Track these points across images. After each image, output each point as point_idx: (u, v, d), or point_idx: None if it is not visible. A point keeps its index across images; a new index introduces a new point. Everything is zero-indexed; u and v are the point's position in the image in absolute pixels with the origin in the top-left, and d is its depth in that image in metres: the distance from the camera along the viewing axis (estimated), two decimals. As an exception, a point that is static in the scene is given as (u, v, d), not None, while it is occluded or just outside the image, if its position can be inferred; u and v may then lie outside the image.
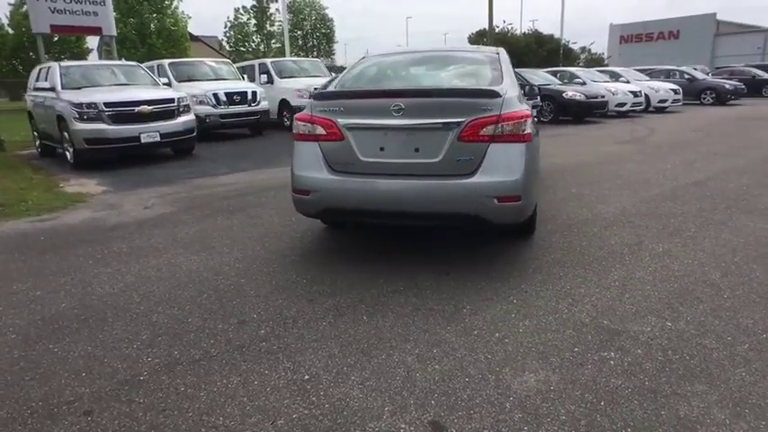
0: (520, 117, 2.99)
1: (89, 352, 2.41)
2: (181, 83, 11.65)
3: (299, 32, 46.22)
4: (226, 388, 2.10)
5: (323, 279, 3.17)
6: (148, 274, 3.35)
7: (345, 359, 2.29)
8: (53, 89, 8.29)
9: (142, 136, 7.97)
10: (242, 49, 39.43)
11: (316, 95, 3.32)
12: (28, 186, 6.31)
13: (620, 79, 15.26)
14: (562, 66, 21.13)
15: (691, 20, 43.96)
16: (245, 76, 13.67)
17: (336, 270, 3.29)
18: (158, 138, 8.15)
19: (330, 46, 49.92)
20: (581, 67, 20.01)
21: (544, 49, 27.44)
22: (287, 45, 20.96)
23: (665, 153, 7.69)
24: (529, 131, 3.03)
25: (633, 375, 2.09)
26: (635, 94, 13.74)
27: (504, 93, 3.01)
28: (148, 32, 27.23)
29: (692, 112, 14.82)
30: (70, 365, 2.30)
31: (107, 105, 7.78)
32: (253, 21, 40.19)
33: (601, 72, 16.09)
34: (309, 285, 3.09)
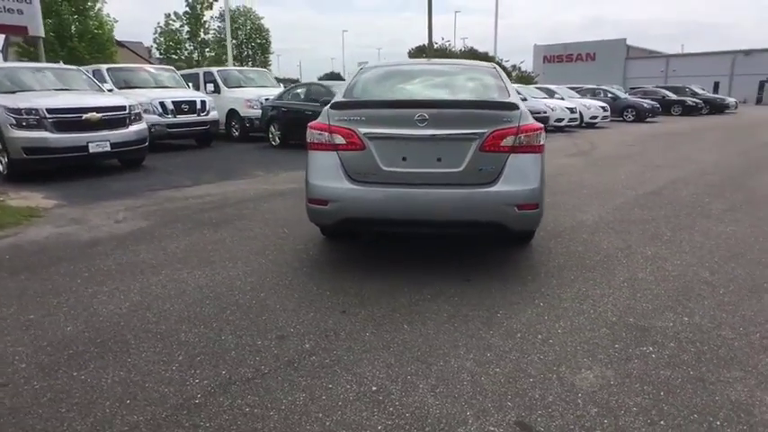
0: (536, 129, 3.16)
1: (124, 377, 2.22)
2: (121, 90, 11.00)
3: (234, 41, 45.01)
4: (294, 405, 2.03)
5: (345, 290, 3.13)
6: (154, 292, 3.14)
7: (405, 368, 2.28)
8: (-21, 93, 7.52)
9: (90, 145, 7.42)
10: (173, 57, 37.70)
11: (334, 105, 3.30)
12: (-35, 201, 5.67)
13: (555, 96, 16.35)
14: None
15: (605, 44, 48.09)
16: (189, 85, 13.12)
17: (355, 280, 3.26)
18: (108, 147, 7.62)
19: (266, 56, 49.07)
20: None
21: (479, 67, 28.79)
22: (230, 54, 20.36)
23: (614, 165, 8.34)
24: (543, 143, 3.20)
25: (677, 366, 2.27)
26: (571, 111, 14.78)
27: (520, 106, 3.18)
28: (69, 35, 25.34)
29: (620, 128, 16.17)
30: (108, 393, 2.11)
31: (50, 112, 7.16)
32: (186, 28, 38.58)
33: (538, 89, 17.14)
34: (334, 297, 3.04)
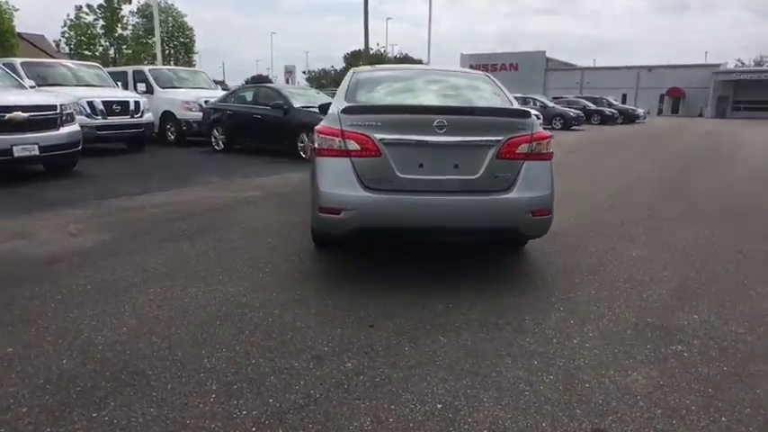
0: (546, 137, 3.23)
1: (156, 414, 1.95)
2: (40, 87, 9.94)
3: (153, 39, 42.41)
4: (362, 429, 1.88)
5: (363, 303, 2.99)
6: (151, 313, 2.81)
7: (460, 382, 2.21)
8: None
9: (15, 149, 6.64)
10: (86, 53, 34.73)
11: (347, 109, 3.15)
12: None
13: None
14: None
15: (527, 55, 50.96)
16: (118, 84, 12.16)
17: (368, 293, 3.13)
18: (37, 151, 6.86)
19: (190, 56, 46.73)
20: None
21: (412, 74, 29.39)
22: (159, 52, 19.16)
23: (564, 172, 8.78)
24: (552, 151, 3.27)
25: (709, 363, 2.39)
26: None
27: (532, 114, 3.23)
28: (-41, 25, 22.59)
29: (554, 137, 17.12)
30: (144, 434, 1.84)
31: (-35, 111, 6.33)
32: (101, 22, 35.67)
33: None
34: (353, 311, 2.89)
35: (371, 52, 25.60)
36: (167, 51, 41.75)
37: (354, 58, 29.15)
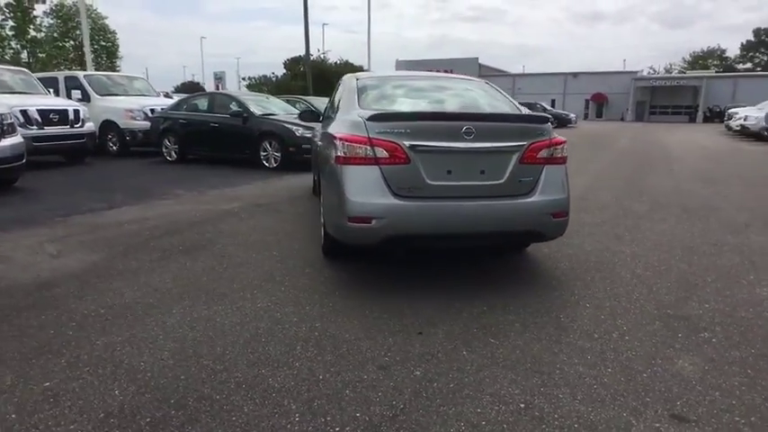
0: (562, 142, 3.39)
1: (245, 439, 1.85)
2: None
3: (71, 42, 39.61)
4: (462, 436, 1.90)
5: (400, 311, 2.99)
6: (187, 335, 2.66)
7: (530, 381, 2.28)
8: None
9: (-50, 164, 6.01)
10: (-6, 57, 31.80)
11: (374, 117, 3.14)
12: None
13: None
14: None
15: (460, 61, 52.61)
16: (50, 91, 11.30)
17: (399, 300, 3.14)
18: (-25, 165, 6.25)
19: (113, 61, 44.03)
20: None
21: (355, 81, 29.50)
22: (88, 57, 17.89)
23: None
24: (567, 155, 3.45)
25: (739, 347, 2.62)
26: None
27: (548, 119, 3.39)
28: None
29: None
30: (242, 462, 1.74)
31: None
32: (10, 23, 32.80)
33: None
34: (395, 318, 2.89)
35: (312, 58, 25.41)
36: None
37: (295, 64, 28.78)
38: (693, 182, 8.32)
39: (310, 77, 24.64)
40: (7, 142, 6.80)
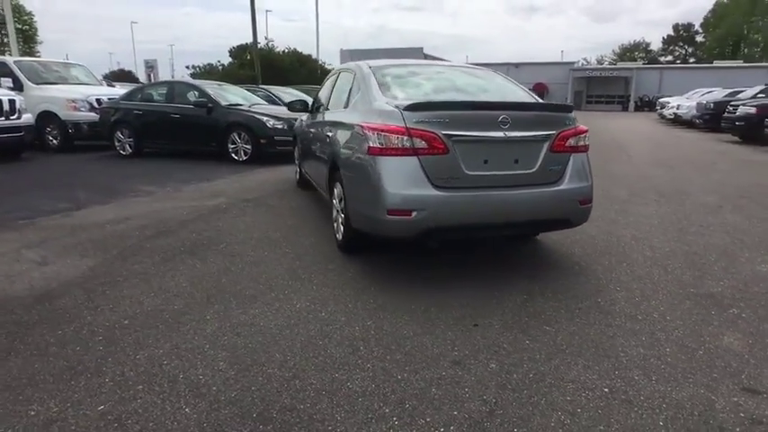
0: (585, 130, 3.46)
1: (352, 449, 1.75)
2: None
3: (-20, 26, 35.84)
4: (563, 424, 1.89)
5: (443, 304, 2.95)
6: (238, 342, 2.48)
7: (601, 365, 2.32)
8: None
9: None
10: None
11: (411, 106, 3.04)
12: None
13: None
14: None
15: (405, 51, 52.60)
16: (-28, 79, 10.25)
17: (437, 292, 3.10)
18: None
19: (30, 46, 40.46)
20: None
21: (305, 69, 28.79)
22: (12, 39, 16.26)
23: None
24: (589, 143, 3.52)
25: None
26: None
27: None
28: None
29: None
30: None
31: None
32: None
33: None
34: (444, 312, 2.84)
35: (259, 46, 24.57)
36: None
37: (241, 52, 27.68)
38: (653, 167, 8.83)
39: (258, 66, 23.83)
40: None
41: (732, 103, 14.67)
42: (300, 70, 27.82)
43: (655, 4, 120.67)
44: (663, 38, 73.38)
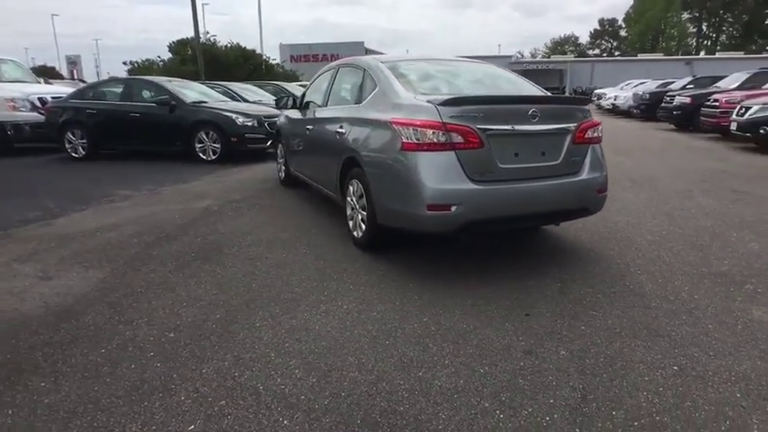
0: (599, 123, 3.61)
1: (471, 446, 1.75)
2: None
3: None
4: (652, 402, 1.99)
5: (490, 296, 3.00)
6: (307, 348, 2.41)
7: (660, 346, 2.45)
8: None
9: None
10: None
11: (447, 101, 3.04)
12: None
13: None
14: (273, 80, 21.89)
15: (346, 45, 52.39)
16: None
17: (480, 286, 3.15)
18: None
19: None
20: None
21: (250, 64, 27.87)
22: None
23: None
24: (602, 135, 3.68)
25: (779, 293, 3.07)
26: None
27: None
28: None
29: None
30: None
31: None
32: None
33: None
34: (492, 304, 2.90)
35: (201, 40, 23.53)
36: None
37: (182, 47, 26.38)
38: (613, 155, 9.31)
39: (202, 61, 22.84)
40: None
41: (668, 94, 15.78)
42: (245, 65, 26.90)
43: (579, 1, 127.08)
44: (590, 32, 77.76)
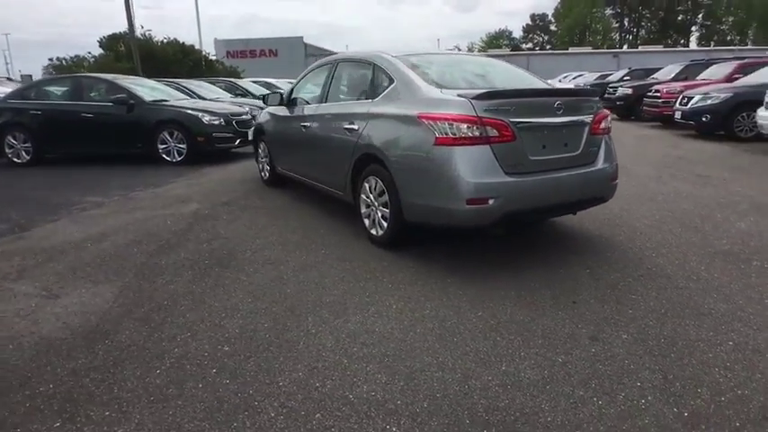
0: (609, 114, 3.75)
1: (586, 435, 1.77)
2: None
3: None
4: (730, 379, 2.10)
5: (526, 287, 3.05)
6: (376, 353, 2.34)
7: (709, 323, 2.57)
8: None
9: None
10: None
11: (481, 95, 3.04)
12: None
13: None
14: (216, 77, 21.07)
15: (285, 41, 51.22)
16: None
17: (515, 278, 3.19)
18: None
19: None
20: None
21: (189, 60, 26.61)
22: None
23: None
24: (611, 126, 3.82)
25: (783, 267, 3.33)
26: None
27: (596, 94, 3.71)
28: None
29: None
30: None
31: None
32: None
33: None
34: (535, 295, 2.94)
35: (137, 35, 22.14)
36: None
37: (114, 42, 24.68)
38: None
39: (137, 57, 21.53)
40: None
41: (610, 86, 16.72)
42: (184, 61, 25.65)
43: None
44: (523, 26, 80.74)
